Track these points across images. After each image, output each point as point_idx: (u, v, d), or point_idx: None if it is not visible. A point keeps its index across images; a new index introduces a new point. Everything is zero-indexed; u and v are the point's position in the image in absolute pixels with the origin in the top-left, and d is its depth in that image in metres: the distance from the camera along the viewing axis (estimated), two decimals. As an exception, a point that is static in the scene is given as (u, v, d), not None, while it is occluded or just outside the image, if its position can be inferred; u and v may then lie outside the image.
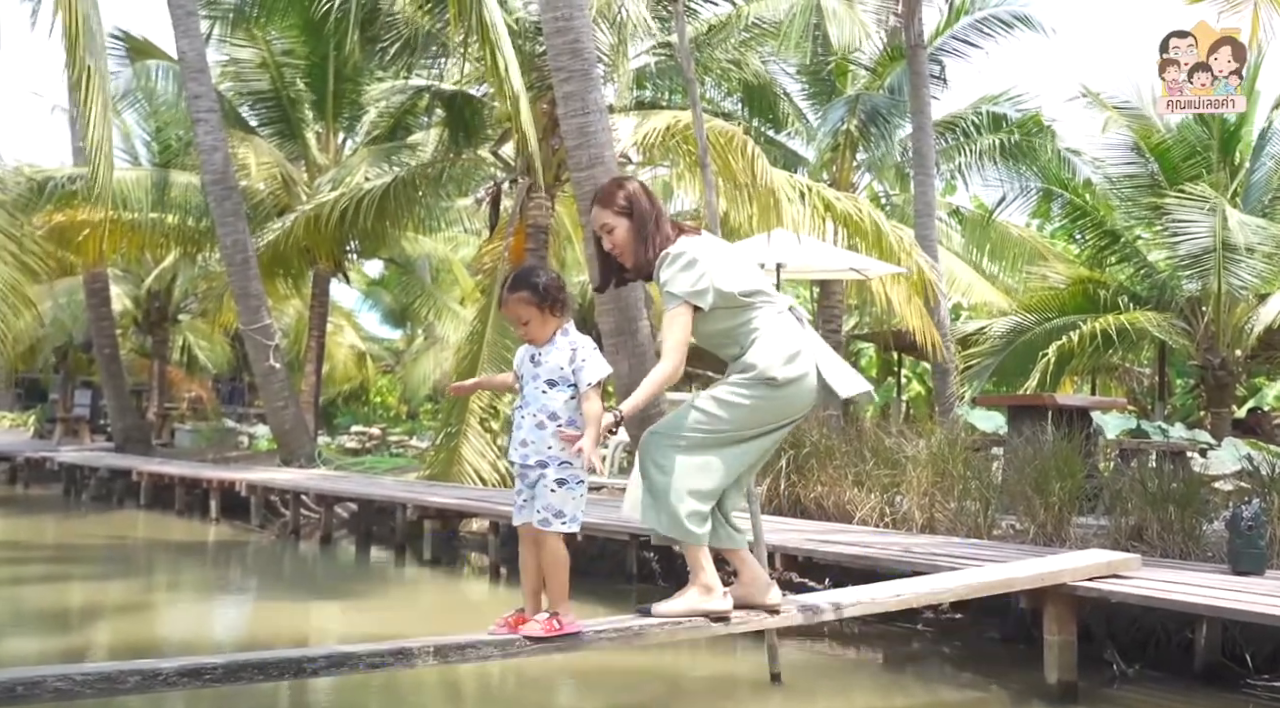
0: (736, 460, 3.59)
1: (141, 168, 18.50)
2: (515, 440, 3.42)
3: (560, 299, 3.40)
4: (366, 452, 17.40)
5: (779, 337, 3.58)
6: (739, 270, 3.63)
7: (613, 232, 3.65)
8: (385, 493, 10.72)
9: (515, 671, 5.15)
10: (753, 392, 3.54)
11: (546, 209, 12.86)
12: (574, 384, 3.37)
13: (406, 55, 12.96)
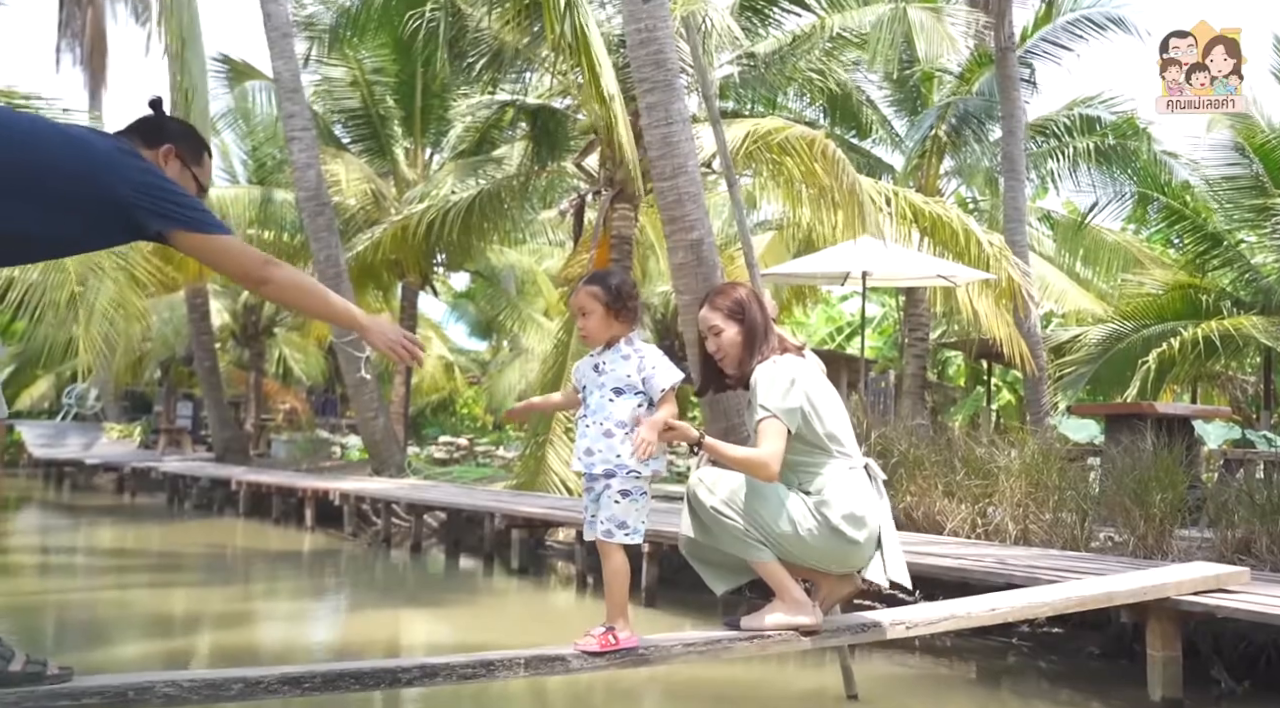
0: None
1: (240, 186, 19.10)
2: (579, 449, 3.39)
3: (629, 306, 3.37)
4: (454, 462, 17.67)
5: (851, 493, 3.49)
6: (832, 410, 3.57)
7: (720, 334, 3.61)
8: (473, 502, 10.86)
9: (605, 682, 5.17)
10: (817, 523, 3.46)
11: (630, 220, 12.93)
12: (641, 392, 3.33)
13: (492, 70, 13.16)
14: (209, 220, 2.80)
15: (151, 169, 2.78)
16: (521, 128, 15.14)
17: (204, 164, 3.01)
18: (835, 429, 3.55)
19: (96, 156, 2.68)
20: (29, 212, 2.58)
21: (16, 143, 2.59)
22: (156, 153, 2.87)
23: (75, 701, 2.71)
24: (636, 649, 3.39)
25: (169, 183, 2.77)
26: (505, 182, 14.64)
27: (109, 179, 2.66)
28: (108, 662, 5.63)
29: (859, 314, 25.53)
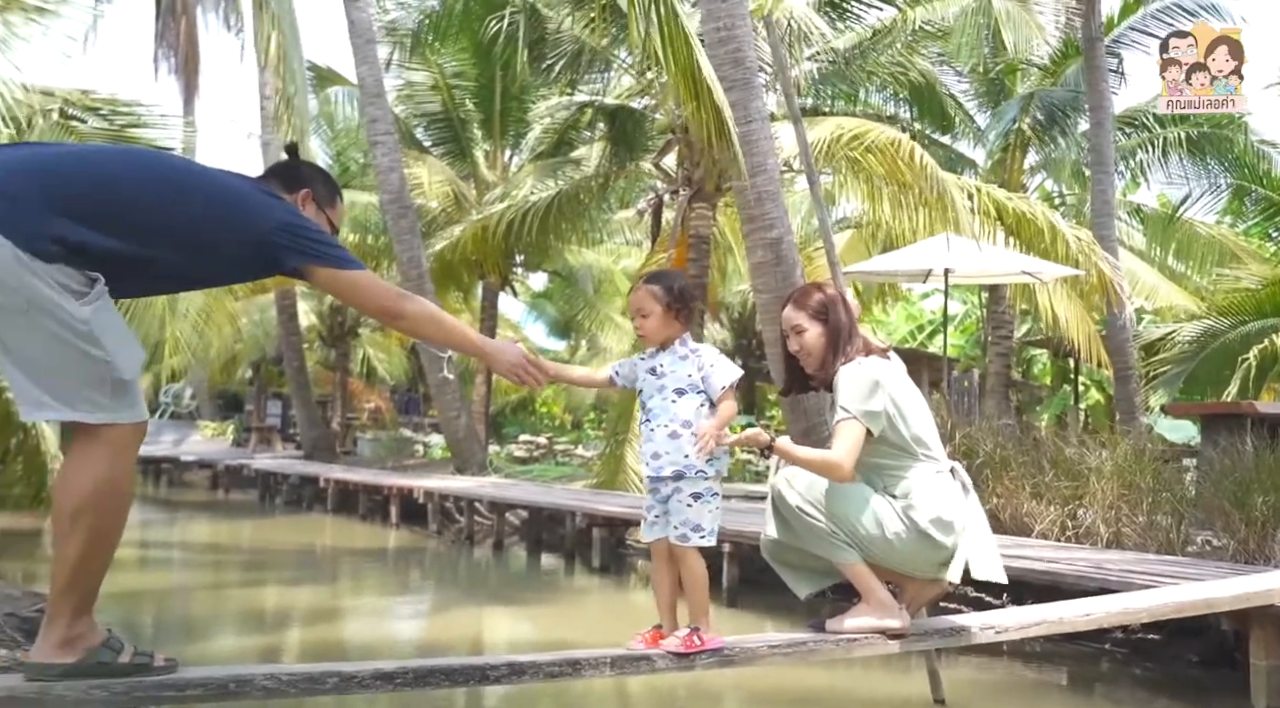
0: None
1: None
2: (646, 454, 3.34)
3: (688, 308, 3.35)
4: (534, 460, 17.83)
5: (938, 497, 3.45)
6: (918, 413, 3.52)
7: (803, 334, 3.58)
8: (554, 501, 10.95)
9: (687, 683, 5.17)
10: (904, 527, 3.42)
11: (709, 219, 12.91)
12: (703, 391, 3.30)
13: (571, 72, 13.25)
14: (345, 257, 2.93)
15: (292, 210, 2.94)
16: (600, 128, 15.23)
17: (336, 207, 3.16)
18: (921, 432, 3.51)
19: (245, 202, 2.84)
20: (180, 254, 2.74)
21: (167, 190, 2.75)
22: (295, 197, 3.02)
23: (180, 692, 2.80)
24: (722, 650, 3.38)
25: (308, 222, 2.92)
26: (583, 182, 14.73)
27: (254, 221, 2.82)
28: (204, 655, 5.81)
29: (940, 312, 25.14)
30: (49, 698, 2.61)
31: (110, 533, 2.70)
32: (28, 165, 2.66)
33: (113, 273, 2.68)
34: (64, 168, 2.70)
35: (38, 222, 2.55)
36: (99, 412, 2.63)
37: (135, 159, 2.94)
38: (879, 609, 3.50)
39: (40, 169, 2.66)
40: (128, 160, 2.88)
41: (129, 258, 2.67)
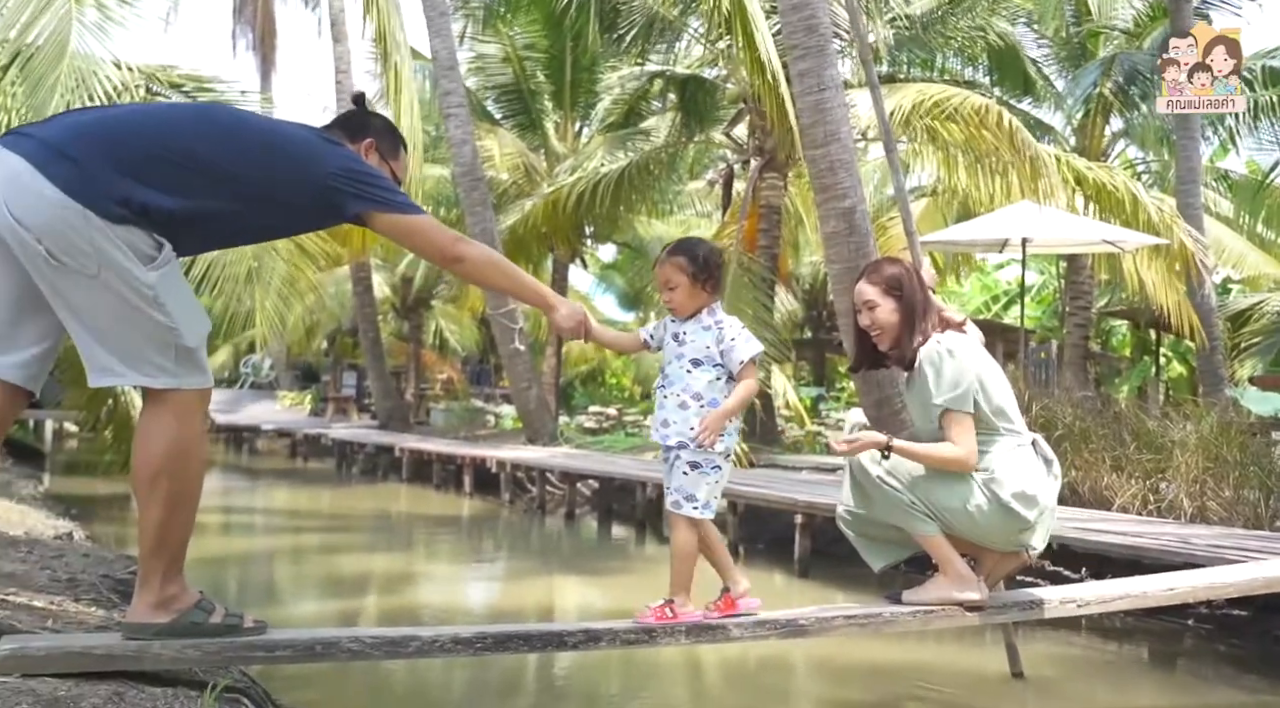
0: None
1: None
2: (656, 421, 3.33)
3: (715, 276, 3.29)
4: (604, 431, 17.90)
5: (1021, 470, 3.40)
6: (998, 386, 3.47)
7: (875, 309, 3.53)
8: (625, 471, 11.01)
9: (759, 654, 5.18)
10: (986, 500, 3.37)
11: (780, 189, 12.79)
12: (720, 365, 3.25)
13: (641, 42, 13.18)
14: (406, 202, 2.94)
15: (353, 156, 2.95)
16: (670, 99, 15.15)
17: (400, 158, 3.15)
18: (1002, 404, 3.45)
19: (304, 148, 2.86)
20: (241, 204, 2.78)
21: (227, 141, 2.78)
22: (359, 146, 3.03)
23: (269, 653, 2.89)
24: (696, 626, 3.36)
25: (369, 168, 2.93)
26: (653, 153, 14.68)
27: (314, 166, 2.83)
28: (286, 618, 5.97)
29: (1016, 282, 24.64)
30: (146, 656, 2.71)
31: (187, 494, 2.76)
32: (93, 129, 2.71)
33: (180, 231, 2.72)
34: (126, 129, 2.73)
35: (105, 184, 2.59)
36: (164, 376, 2.68)
37: (194, 114, 3.00)
38: (957, 582, 3.48)
39: (104, 132, 2.70)
40: (187, 115, 2.95)
41: (193, 214, 2.71)
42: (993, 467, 3.40)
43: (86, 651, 2.69)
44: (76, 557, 5.01)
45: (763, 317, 12.29)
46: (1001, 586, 3.81)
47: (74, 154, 2.61)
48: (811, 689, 5.10)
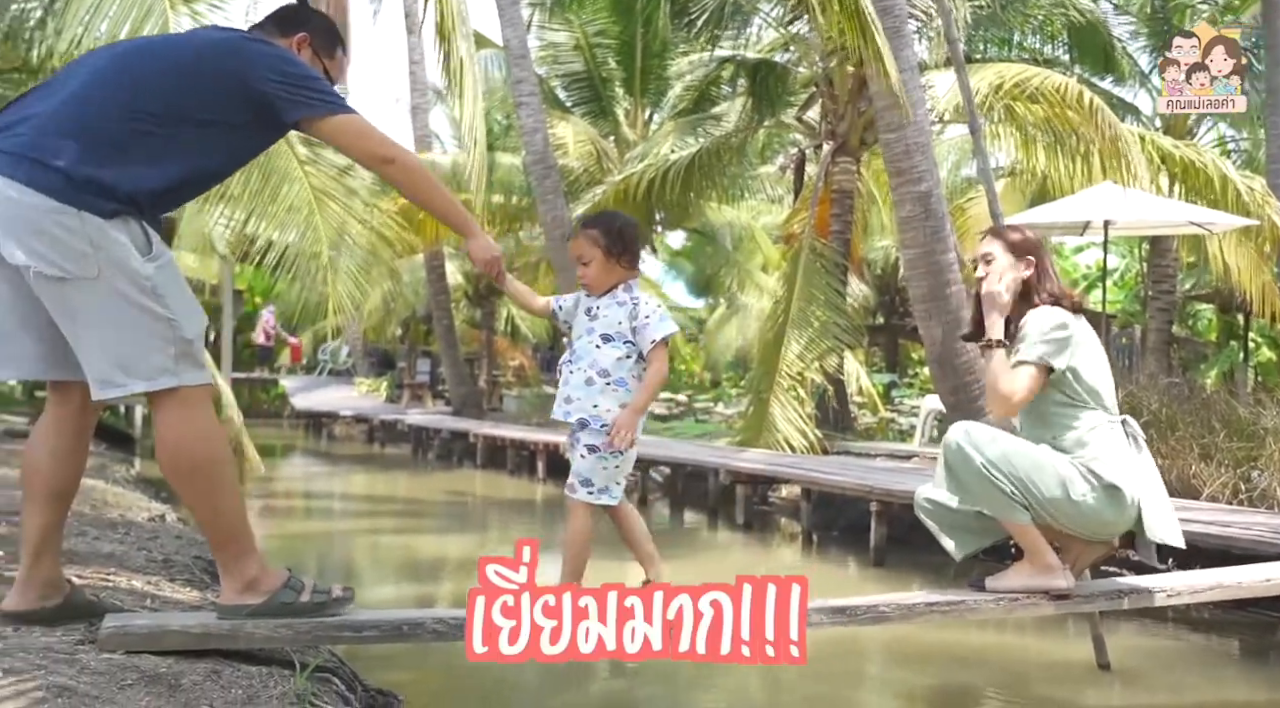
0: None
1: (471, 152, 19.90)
2: (560, 396, 3.17)
3: (630, 250, 3.15)
4: (674, 418, 17.92)
5: (1117, 451, 3.34)
6: (1098, 365, 3.42)
7: (991, 262, 3.50)
8: (697, 458, 11.03)
9: (834, 641, 5.14)
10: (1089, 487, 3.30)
11: (852, 173, 12.66)
12: (631, 342, 3.10)
13: (712, 27, 13.10)
14: (338, 101, 2.82)
15: (283, 55, 2.84)
16: (741, 84, 15.05)
17: (336, 58, 3.02)
18: (1098, 384, 3.39)
19: (232, 54, 2.76)
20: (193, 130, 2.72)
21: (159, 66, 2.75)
22: (290, 41, 2.94)
23: (356, 633, 2.96)
24: (878, 607, 3.36)
25: (302, 68, 2.82)
26: (724, 139, 14.61)
27: (248, 74, 2.73)
28: (366, 599, 6.09)
29: (1096, 266, 24.04)
30: (240, 635, 2.79)
31: (221, 479, 2.76)
32: (63, 122, 2.65)
33: (165, 197, 2.75)
34: (95, 110, 2.67)
35: (92, 179, 2.59)
36: (165, 376, 2.66)
37: (144, 56, 2.84)
38: (1043, 570, 3.42)
39: (74, 122, 2.65)
40: (144, 66, 2.79)
41: (180, 173, 2.72)
42: (1086, 444, 3.34)
43: (184, 629, 2.78)
44: (170, 538, 5.17)
45: (835, 303, 12.19)
46: (1087, 575, 3.74)
47: (56, 158, 2.59)
48: (890, 677, 5.06)
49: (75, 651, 2.58)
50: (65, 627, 2.80)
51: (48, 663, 2.45)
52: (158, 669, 2.52)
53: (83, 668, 2.44)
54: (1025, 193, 14.76)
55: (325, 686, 2.88)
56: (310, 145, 7.56)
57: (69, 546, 4.24)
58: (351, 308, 8.04)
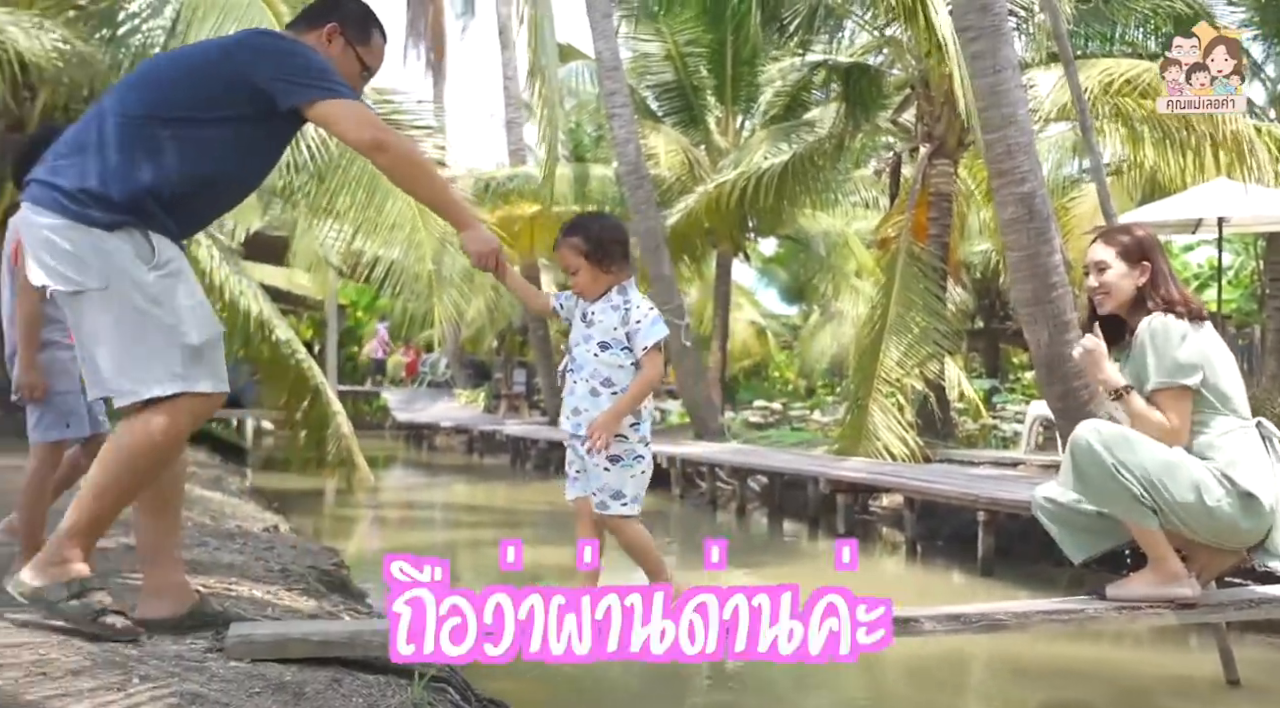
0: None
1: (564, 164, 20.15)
2: (567, 407, 3.07)
3: (613, 253, 3.03)
4: (770, 426, 17.81)
5: (1253, 456, 3.20)
6: (1226, 368, 3.28)
7: (1105, 270, 3.36)
8: (796, 467, 10.93)
9: (942, 651, 5.04)
10: (1224, 492, 3.16)
11: (950, 175, 12.43)
12: (627, 348, 3.01)
13: (803, 32, 13.02)
14: (333, 85, 2.76)
15: (287, 47, 2.81)
16: (833, 88, 14.91)
17: (371, 44, 2.95)
18: (1228, 388, 3.25)
19: (240, 48, 2.79)
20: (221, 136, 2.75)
21: (173, 73, 2.81)
22: (320, 33, 2.90)
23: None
24: (993, 614, 3.28)
25: (303, 57, 2.78)
26: (817, 144, 14.50)
27: (251, 66, 2.73)
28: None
29: (1208, 264, 23.19)
30: (358, 642, 2.85)
31: (127, 491, 2.75)
32: (72, 141, 2.75)
33: (179, 207, 2.74)
34: (99, 125, 2.73)
35: (95, 194, 2.65)
36: (175, 382, 2.67)
37: (153, 71, 2.90)
38: (1168, 577, 3.28)
39: (81, 142, 2.73)
40: (162, 76, 2.85)
41: (178, 181, 2.72)
42: (1219, 449, 3.20)
43: (305, 638, 2.84)
44: (285, 548, 5.31)
45: (934, 307, 11.98)
46: (1213, 585, 3.59)
47: (56, 176, 2.69)
48: (1000, 689, 4.94)
49: (204, 659, 2.66)
50: (194, 635, 2.89)
51: (180, 671, 2.53)
52: (283, 678, 2.59)
53: (212, 676, 2.52)
54: (1132, 191, 14.30)
55: (440, 694, 2.93)
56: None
57: (192, 556, 4.40)
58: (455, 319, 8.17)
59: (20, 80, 8.12)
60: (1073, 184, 15.48)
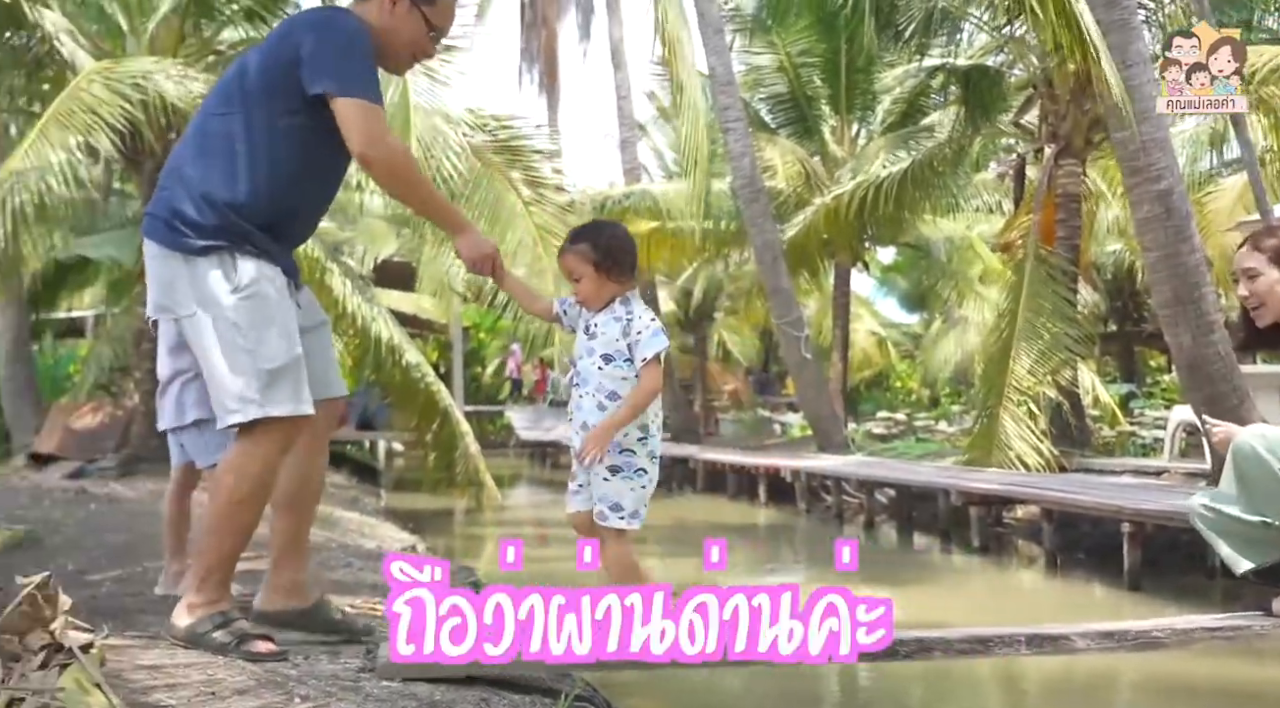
0: None
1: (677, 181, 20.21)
2: (575, 423, 2.99)
3: (621, 262, 2.94)
4: (894, 437, 17.48)
5: None
6: None
7: (1256, 279, 3.23)
8: (924, 479, 10.70)
9: (1086, 670, 4.86)
10: None
11: (1078, 176, 12.04)
12: (630, 360, 2.93)
13: (920, 36, 12.82)
14: (350, 78, 2.65)
15: (332, 22, 2.74)
16: (952, 92, 14.63)
17: (439, 2, 2.83)
18: None
19: (298, 27, 2.77)
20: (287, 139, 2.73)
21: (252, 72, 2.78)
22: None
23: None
24: (1150, 632, 3.14)
25: (342, 36, 2.70)
26: (937, 150, 14.23)
27: (299, 45, 2.68)
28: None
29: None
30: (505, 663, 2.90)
31: (237, 521, 2.77)
32: (169, 169, 2.82)
33: (270, 220, 2.73)
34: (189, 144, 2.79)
35: (182, 220, 2.70)
36: (250, 407, 2.69)
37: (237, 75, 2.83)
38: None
39: (174, 165, 2.79)
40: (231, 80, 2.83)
41: (253, 187, 2.70)
42: None
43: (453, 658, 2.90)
44: (423, 568, 5.42)
45: (1065, 312, 11.61)
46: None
47: (157, 206, 2.77)
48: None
49: (358, 679, 2.74)
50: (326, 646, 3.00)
51: (336, 691, 2.61)
52: (433, 697, 2.65)
53: (366, 696, 2.59)
54: (1276, 185, 13.61)
55: (584, 713, 2.95)
56: (533, 186, 7.91)
57: (338, 577, 4.55)
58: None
59: (167, 123, 8.60)
60: (1209, 179, 14.84)
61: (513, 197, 7.64)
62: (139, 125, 8.18)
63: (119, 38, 10.60)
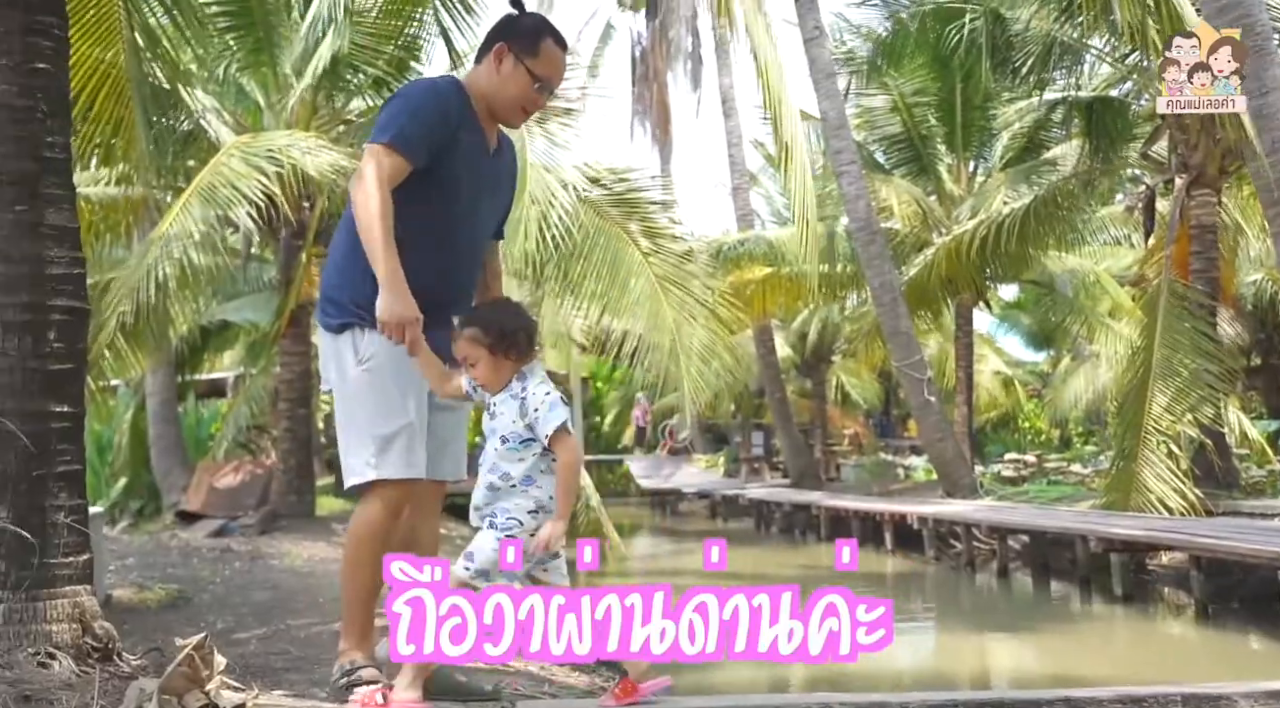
0: None
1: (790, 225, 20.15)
2: (473, 502, 2.81)
3: (516, 342, 2.80)
4: (1024, 480, 16.91)
5: None
6: None
7: None
8: (1059, 524, 10.31)
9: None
10: None
11: (1213, 206, 11.59)
12: (526, 440, 2.76)
13: (1039, 71, 12.58)
14: (383, 132, 2.79)
15: (406, 90, 2.99)
16: (1075, 125, 14.28)
17: (541, 53, 2.86)
18: None
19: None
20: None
21: None
22: (488, 57, 2.91)
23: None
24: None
25: (404, 97, 2.90)
26: (1060, 184, 13.88)
27: None
28: (697, 683, 6.10)
29: None
30: None
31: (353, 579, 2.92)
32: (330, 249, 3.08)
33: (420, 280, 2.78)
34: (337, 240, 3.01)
35: (328, 299, 2.94)
36: (369, 470, 2.84)
37: None
38: None
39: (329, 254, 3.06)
40: None
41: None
42: None
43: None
44: (551, 621, 5.45)
45: (1205, 348, 11.11)
46: None
47: (323, 286, 3.02)
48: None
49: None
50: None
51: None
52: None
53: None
54: None
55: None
56: (650, 236, 8.00)
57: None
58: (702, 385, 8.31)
59: (301, 192, 9.00)
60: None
61: (631, 249, 7.74)
62: (274, 196, 8.58)
63: (257, 113, 11.18)
